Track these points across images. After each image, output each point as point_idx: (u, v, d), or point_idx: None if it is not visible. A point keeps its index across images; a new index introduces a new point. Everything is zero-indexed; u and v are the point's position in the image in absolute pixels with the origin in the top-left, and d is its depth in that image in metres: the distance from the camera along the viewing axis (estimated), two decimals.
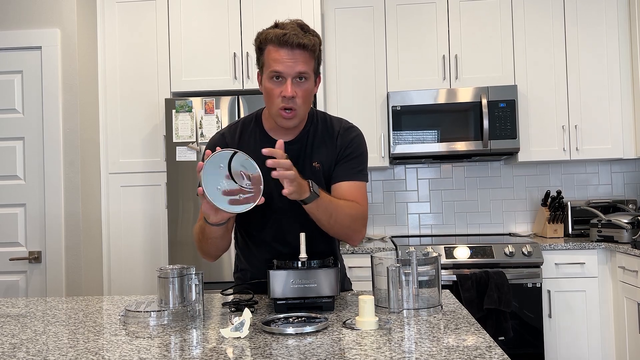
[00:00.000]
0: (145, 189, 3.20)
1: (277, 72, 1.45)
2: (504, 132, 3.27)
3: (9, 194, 3.01)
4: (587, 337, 3.02)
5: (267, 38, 1.46)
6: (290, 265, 1.43)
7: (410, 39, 3.44)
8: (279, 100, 1.47)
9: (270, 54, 1.46)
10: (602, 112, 3.36)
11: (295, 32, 1.44)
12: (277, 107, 1.49)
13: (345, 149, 1.61)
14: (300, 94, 1.47)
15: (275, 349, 1.10)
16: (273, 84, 1.47)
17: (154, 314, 1.38)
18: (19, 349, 1.17)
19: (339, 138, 1.62)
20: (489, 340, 1.12)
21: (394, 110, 3.33)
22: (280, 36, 1.43)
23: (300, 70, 1.45)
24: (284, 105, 1.47)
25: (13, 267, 2.99)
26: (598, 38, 3.36)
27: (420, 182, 3.77)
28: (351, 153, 1.61)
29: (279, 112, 1.49)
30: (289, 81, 1.45)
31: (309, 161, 1.59)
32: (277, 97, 1.47)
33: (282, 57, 1.44)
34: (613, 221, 3.04)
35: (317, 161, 1.59)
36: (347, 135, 1.62)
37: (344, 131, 1.63)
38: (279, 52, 1.44)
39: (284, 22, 1.49)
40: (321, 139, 1.61)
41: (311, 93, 1.52)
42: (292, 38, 1.43)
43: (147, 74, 3.23)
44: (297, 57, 1.45)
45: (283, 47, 1.44)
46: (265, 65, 1.48)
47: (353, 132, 1.65)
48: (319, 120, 1.65)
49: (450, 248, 3.04)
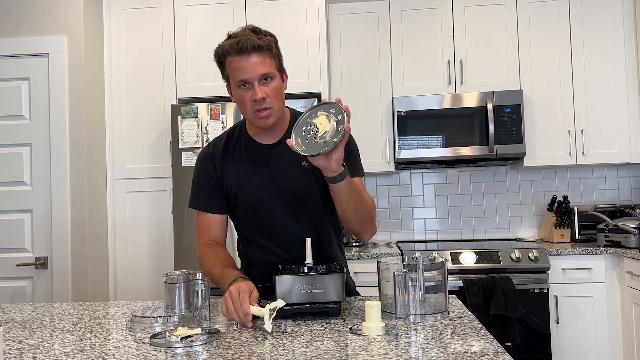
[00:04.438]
0: (151, 194, 3.21)
1: (242, 80, 1.48)
2: (510, 137, 3.26)
3: (15, 200, 3.02)
4: (595, 342, 3.00)
5: (224, 50, 1.48)
6: (296, 270, 1.43)
7: (415, 44, 3.45)
8: (252, 105, 1.50)
9: (231, 65, 1.49)
10: (608, 116, 3.34)
11: (248, 37, 1.46)
12: (251, 112, 1.51)
13: None
14: (269, 92, 1.50)
15: (282, 355, 1.10)
16: (242, 91, 1.50)
17: (160, 320, 1.38)
18: (26, 354, 1.17)
19: None
20: (497, 346, 1.12)
21: (399, 115, 3.33)
22: (235, 44, 1.45)
23: (262, 72, 1.48)
24: (257, 108, 1.50)
25: (20, 273, 3.00)
26: (604, 42, 3.36)
27: (425, 187, 3.76)
28: None
29: (254, 115, 1.51)
30: (255, 85, 1.48)
31: (297, 161, 1.59)
32: (249, 102, 1.50)
33: (242, 65, 1.46)
34: (620, 226, 3.02)
35: (305, 160, 1.58)
36: None
37: None
38: (238, 61, 1.47)
39: (236, 32, 1.51)
40: None
41: (280, 89, 1.54)
42: (246, 43, 1.45)
43: (153, 80, 3.24)
44: (256, 60, 1.47)
45: (241, 55, 1.46)
46: (230, 76, 1.52)
47: None
48: None
49: (457, 253, 3.02)
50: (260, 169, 1.61)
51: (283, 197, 1.60)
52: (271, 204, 1.60)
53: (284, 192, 1.60)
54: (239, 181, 1.63)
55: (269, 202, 1.61)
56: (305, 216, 1.62)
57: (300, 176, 1.60)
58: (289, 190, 1.60)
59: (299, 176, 1.60)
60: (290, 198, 1.60)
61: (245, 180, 1.62)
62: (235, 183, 1.63)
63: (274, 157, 1.61)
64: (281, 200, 1.60)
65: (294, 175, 1.60)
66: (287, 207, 1.60)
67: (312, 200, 1.61)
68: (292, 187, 1.60)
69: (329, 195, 1.56)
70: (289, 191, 1.60)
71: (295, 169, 1.59)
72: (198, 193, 1.68)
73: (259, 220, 1.63)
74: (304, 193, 1.60)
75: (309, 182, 1.60)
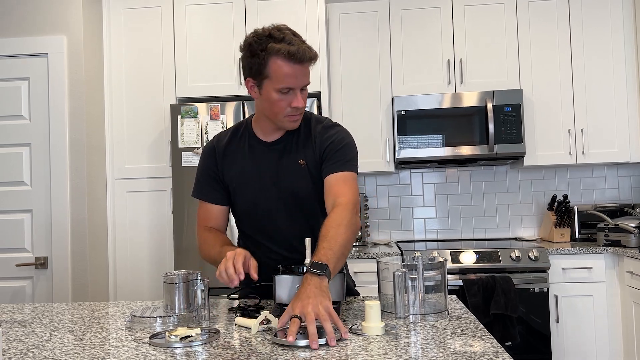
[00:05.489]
0: (150, 194, 3.20)
1: (289, 87, 1.48)
2: (510, 137, 3.26)
3: (15, 200, 3.02)
4: (595, 342, 3.00)
5: (277, 51, 1.44)
6: (295, 270, 1.43)
7: (414, 43, 3.45)
8: (288, 110, 1.52)
9: (280, 68, 1.45)
10: (608, 116, 3.34)
11: (303, 46, 1.46)
12: (284, 115, 1.53)
13: (326, 147, 1.59)
14: (304, 99, 1.54)
15: (281, 355, 1.09)
16: (281, 95, 1.49)
17: (160, 320, 1.38)
18: (25, 355, 1.17)
19: (317, 138, 1.61)
20: (496, 346, 1.11)
21: (399, 114, 3.33)
22: (294, 52, 1.44)
23: (307, 82, 1.52)
24: (294, 113, 1.53)
25: (19, 273, 2.99)
26: (603, 41, 3.35)
27: (425, 186, 3.76)
28: (332, 148, 1.59)
29: (285, 118, 1.54)
30: (298, 93, 1.50)
31: (294, 158, 1.61)
32: (285, 108, 1.51)
33: (294, 72, 1.46)
34: (620, 225, 3.02)
35: (302, 159, 1.61)
36: (324, 134, 1.61)
37: (321, 129, 1.62)
38: (291, 68, 1.45)
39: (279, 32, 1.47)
40: (304, 138, 1.63)
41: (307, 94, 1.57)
42: (304, 54, 1.45)
43: (152, 79, 3.24)
44: (306, 70, 1.49)
45: (295, 63, 1.45)
46: (271, 79, 1.47)
47: (331, 129, 1.63)
48: (304, 119, 1.65)
49: (456, 253, 3.02)
50: (260, 166, 1.62)
51: (280, 194, 1.61)
52: (268, 201, 1.62)
53: (281, 189, 1.61)
54: (238, 177, 1.65)
55: (266, 199, 1.62)
56: (301, 214, 1.63)
57: (295, 174, 1.61)
58: (286, 187, 1.61)
59: (295, 174, 1.61)
60: (287, 195, 1.61)
61: (245, 177, 1.64)
62: (236, 179, 1.65)
63: (274, 154, 1.63)
64: (278, 197, 1.62)
65: (291, 173, 1.61)
66: (283, 205, 1.62)
67: (307, 199, 1.62)
68: (289, 184, 1.61)
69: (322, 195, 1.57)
70: (286, 189, 1.61)
71: (292, 167, 1.61)
72: (201, 183, 1.71)
73: (257, 216, 1.65)
74: (299, 191, 1.61)
75: (305, 180, 1.61)
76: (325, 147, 1.59)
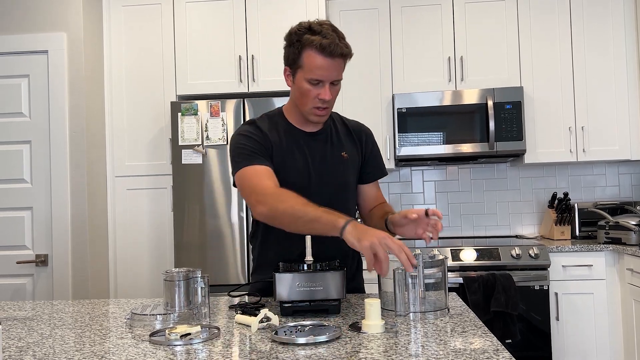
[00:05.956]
0: (151, 192, 3.20)
1: (318, 79, 1.53)
2: (510, 134, 3.26)
3: (15, 198, 3.02)
4: (595, 339, 3.00)
5: (309, 43, 1.50)
6: (296, 268, 1.42)
7: (415, 40, 3.44)
8: (315, 101, 1.56)
9: (311, 60, 1.51)
10: (609, 113, 3.34)
11: (337, 41, 1.51)
12: (311, 106, 1.57)
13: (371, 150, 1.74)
14: (333, 95, 1.57)
15: (281, 352, 1.09)
16: (311, 86, 1.54)
17: (160, 317, 1.38)
18: (25, 352, 1.17)
19: (361, 133, 1.74)
20: (497, 344, 1.11)
21: (400, 112, 3.32)
22: (326, 45, 1.49)
23: (337, 77, 1.55)
24: (319, 105, 1.57)
25: (20, 270, 3.00)
26: (605, 39, 3.35)
27: (426, 184, 3.76)
28: (375, 153, 1.76)
29: (312, 110, 1.58)
30: (327, 86, 1.54)
31: (337, 152, 1.67)
32: (313, 98, 1.56)
33: (323, 65, 1.51)
34: (621, 223, 3.02)
35: (345, 152, 1.68)
36: (366, 130, 1.76)
37: (361, 127, 1.76)
38: (322, 60, 1.50)
39: (319, 26, 1.53)
40: (343, 133, 1.72)
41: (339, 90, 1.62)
42: (336, 49, 1.50)
43: (152, 77, 3.23)
44: (337, 65, 1.53)
45: (326, 56, 1.50)
46: (304, 68, 1.53)
47: (371, 133, 1.79)
48: (335, 118, 1.75)
49: (457, 250, 3.02)
50: (301, 153, 1.64)
51: (320, 183, 1.62)
52: (306, 189, 1.57)
53: (322, 179, 1.63)
54: (279, 161, 1.61)
55: (305, 187, 1.58)
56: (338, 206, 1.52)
57: (339, 166, 1.66)
58: (327, 178, 1.64)
59: (337, 166, 1.66)
60: (326, 185, 1.63)
61: (286, 162, 1.62)
62: (277, 159, 1.61)
63: (316, 144, 1.66)
64: (318, 186, 1.61)
65: (333, 165, 1.65)
66: (321, 194, 1.58)
67: (344, 190, 1.67)
68: (330, 175, 1.64)
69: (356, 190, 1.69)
70: (327, 179, 1.64)
71: (334, 159, 1.65)
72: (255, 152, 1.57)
73: None
74: (340, 182, 1.66)
75: (346, 172, 1.67)
76: (371, 148, 1.74)
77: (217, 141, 3.01)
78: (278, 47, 1.76)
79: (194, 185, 3.01)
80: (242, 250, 2.98)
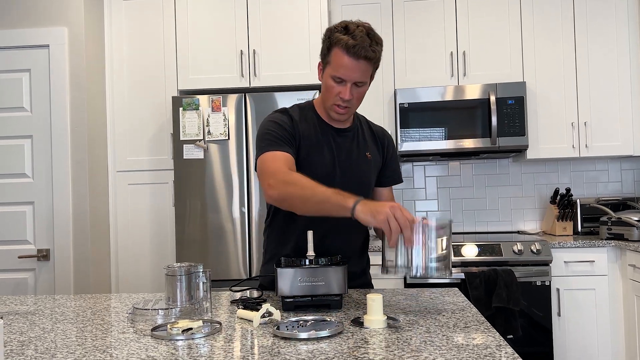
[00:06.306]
0: (152, 187, 3.20)
1: (340, 77, 1.55)
2: (513, 129, 3.25)
3: (17, 192, 3.02)
4: (597, 335, 3.00)
5: (338, 41, 1.52)
6: (297, 263, 1.42)
7: (417, 35, 3.42)
8: (336, 98, 1.58)
9: (336, 58, 1.54)
10: (612, 109, 3.32)
11: (364, 44, 1.50)
12: (332, 102, 1.60)
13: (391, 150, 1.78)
14: (355, 95, 1.58)
15: (283, 347, 1.09)
16: (334, 83, 1.57)
17: (162, 312, 1.38)
18: (27, 347, 1.17)
19: (384, 138, 1.78)
20: (499, 339, 1.11)
21: (402, 107, 3.31)
22: (351, 46, 1.50)
23: (360, 79, 1.56)
24: (340, 103, 1.58)
25: (22, 265, 3.00)
26: (608, 34, 3.33)
27: (428, 179, 3.75)
28: (394, 158, 1.80)
29: (333, 106, 1.61)
30: (348, 86, 1.55)
31: (363, 151, 1.70)
32: (335, 95, 1.58)
33: (347, 65, 1.52)
34: (623, 219, 3.01)
35: (369, 152, 1.71)
36: (388, 136, 1.81)
37: (384, 132, 1.81)
38: (346, 60, 1.52)
39: (355, 27, 1.53)
40: (368, 135, 1.76)
41: (364, 94, 1.62)
42: (359, 51, 1.50)
43: (154, 71, 3.23)
44: (361, 67, 1.53)
45: (350, 56, 1.51)
46: (330, 65, 1.56)
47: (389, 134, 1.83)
48: (361, 120, 1.79)
49: (458, 246, 3.02)
50: (329, 148, 1.66)
51: (343, 179, 1.63)
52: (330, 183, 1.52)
53: (345, 175, 1.65)
54: (307, 152, 1.62)
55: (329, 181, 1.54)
56: None
57: (363, 165, 1.68)
58: (350, 174, 1.65)
59: (361, 165, 1.68)
60: (349, 182, 1.62)
61: (313, 154, 1.62)
62: (304, 149, 1.62)
63: (343, 141, 1.68)
64: (341, 181, 1.61)
65: (357, 163, 1.68)
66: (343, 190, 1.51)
67: (366, 189, 1.69)
68: (354, 172, 1.66)
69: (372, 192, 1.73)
70: (350, 175, 1.65)
71: (360, 158, 1.68)
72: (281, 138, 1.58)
73: None
74: (362, 181, 1.68)
75: (369, 172, 1.70)
76: (392, 153, 1.78)
77: (218, 136, 3.01)
78: (280, 41, 1.76)
79: (195, 180, 3.01)
80: (244, 245, 2.98)
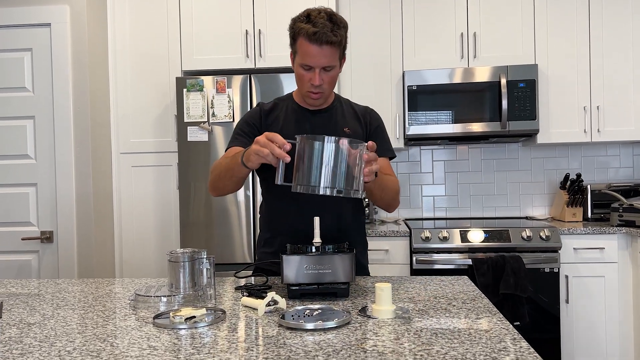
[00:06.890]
0: (156, 169, 3.16)
1: (307, 65, 1.60)
2: (523, 113, 3.18)
3: (20, 174, 2.99)
4: (605, 323, 2.96)
5: (300, 30, 1.57)
6: (304, 250, 1.38)
7: (427, 16, 3.34)
8: (308, 85, 1.63)
9: (301, 47, 1.58)
10: (625, 93, 3.24)
11: (325, 29, 1.54)
12: (305, 90, 1.66)
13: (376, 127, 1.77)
14: (326, 80, 1.63)
15: (289, 338, 1.06)
16: (303, 70, 1.62)
17: (164, 299, 1.35)
18: (26, 335, 1.14)
19: (366, 115, 1.79)
20: (513, 332, 1.07)
21: (410, 89, 3.24)
22: (312, 34, 1.54)
23: (327, 64, 1.60)
24: (312, 90, 1.64)
25: (25, 247, 2.98)
26: (623, 15, 3.23)
27: (435, 163, 3.69)
28: (380, 131, 1.78)
29: (307, 93, 1.66)
30: (317, 72, 1.60)
31: (340, 127, 1.72)
32: (306, 82, 1.63)
33: (311, 52, 1.56)
34: (635, 205, 2.95)
35: (348, 127, 1.72)
36: (372, 112, 1.81)
37: (368, 109, 1.82)
38: (309, 47, 1.56)
39: (317, 14, 1.57)
40: (349, 113, 1.78)
41: (336, 77, 1.67)
42: (322, 37, 1.54)
43: (157, 52, 3.16)
44: (325, 52, 1.57)
45: (313, 44, 1.55)
46: (298, 55, 1.62)
47: (375, 112, 1.83)
48: (342, 101, 1.82)
49: (465, 231, 2.97)
50: (304, 125, 1.70)
51: None
52: None
53: None
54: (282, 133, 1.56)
55: None
56: None
57: None
58: None
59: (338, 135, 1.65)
60: None
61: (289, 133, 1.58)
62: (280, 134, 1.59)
63: (319, 119, 1.72)
64: None
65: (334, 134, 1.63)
66: None
67: None
68: None
69: None
70: None
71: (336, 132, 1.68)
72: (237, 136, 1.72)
73: None
74: None
75: None
76: (376, 126, 1.77)
77: (223, 118, 2.95)
78: (286, 21, 1.72)
79: (199, 163, 2.96)
80: (249, 228, 2.95)
